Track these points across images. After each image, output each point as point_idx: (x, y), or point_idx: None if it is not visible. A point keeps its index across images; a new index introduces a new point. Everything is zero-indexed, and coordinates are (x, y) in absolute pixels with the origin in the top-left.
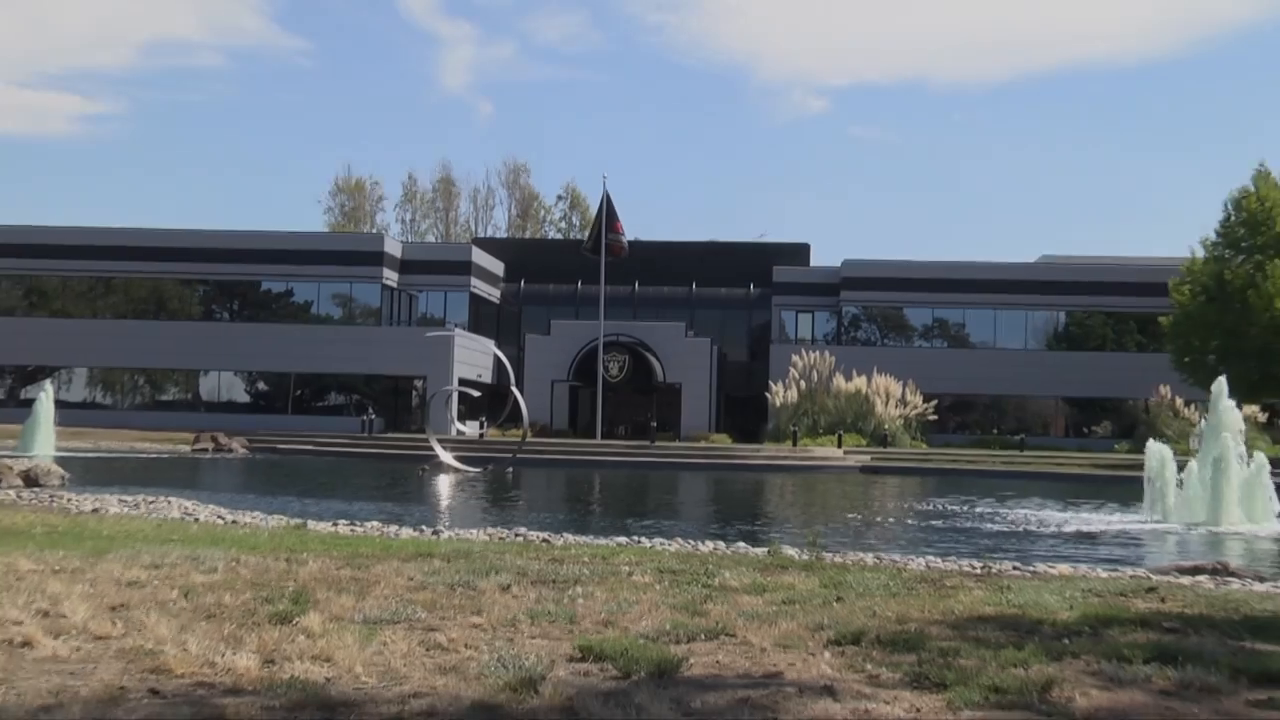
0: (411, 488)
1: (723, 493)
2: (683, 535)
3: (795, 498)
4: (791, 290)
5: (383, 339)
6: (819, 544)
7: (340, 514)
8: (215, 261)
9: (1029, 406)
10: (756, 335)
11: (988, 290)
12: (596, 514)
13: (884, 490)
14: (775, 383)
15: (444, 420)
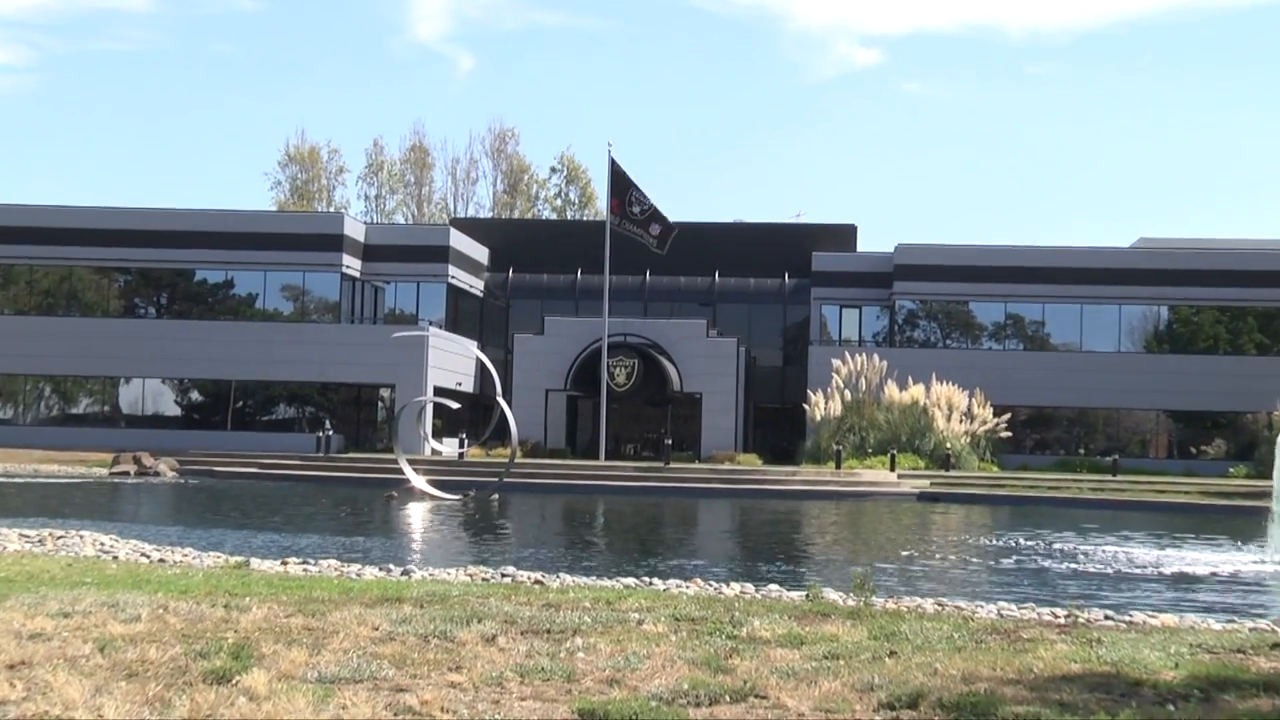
0: (377, 518)
1: (752, 524)
2: (703, 575)
3: (839, 530)
4: (834, 281)
5: (342, 340)
6: (868, 586)
7: (290, 550)
8: (139, 245)
9: (1123, 421)
10: (792, 335)
11: (1073, 281)
12: (599, 550)
13: (946, 522)
14: (815, 392)
15: (416, 438)
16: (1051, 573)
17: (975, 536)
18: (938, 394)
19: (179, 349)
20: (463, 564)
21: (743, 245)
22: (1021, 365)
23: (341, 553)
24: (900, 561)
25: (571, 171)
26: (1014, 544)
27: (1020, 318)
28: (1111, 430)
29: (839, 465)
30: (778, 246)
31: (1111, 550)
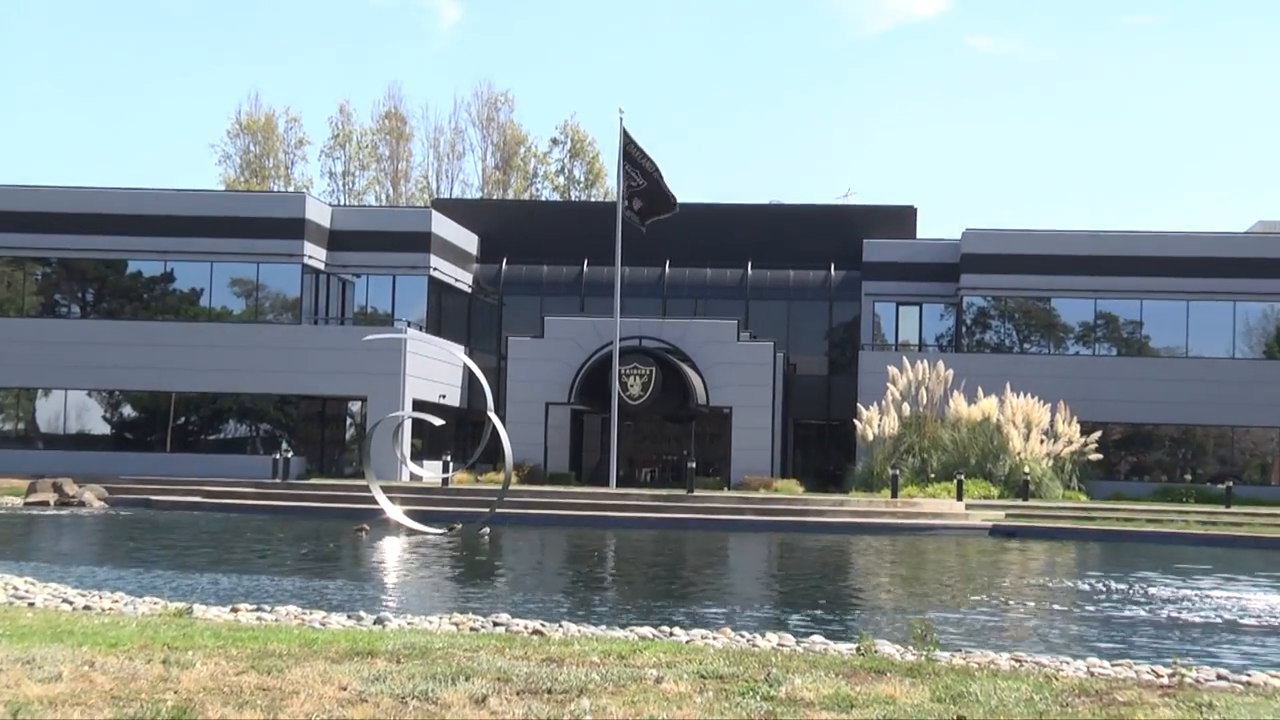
0: (346, 557)
1: (791, 563)
2: (734, 624)
3: (895, 571)
4: (890, 273)
5: (304, 343)
6: (930, 638)
7: (242, 594)
8: (59, 231)
9: (1238, 441)
10: (839, 337)
11: (1177, 273)
12: (609, 594)
13: (1025, 561)
14: (866, 406)
15: (392, 460)
16: (1151, 623)
17: (1060, 579)
18: (1014, 408)
19: (108, 355)
20: (447, 611)
21: (781, 231)
22: (1115, 374)
23: (303, 597)
24: (969, 608)
25: (576, 144)
26: (1106, 588)
27: (1113, 317)
28: (1224, 452)
29: (895, 493)
30: (822, 232)
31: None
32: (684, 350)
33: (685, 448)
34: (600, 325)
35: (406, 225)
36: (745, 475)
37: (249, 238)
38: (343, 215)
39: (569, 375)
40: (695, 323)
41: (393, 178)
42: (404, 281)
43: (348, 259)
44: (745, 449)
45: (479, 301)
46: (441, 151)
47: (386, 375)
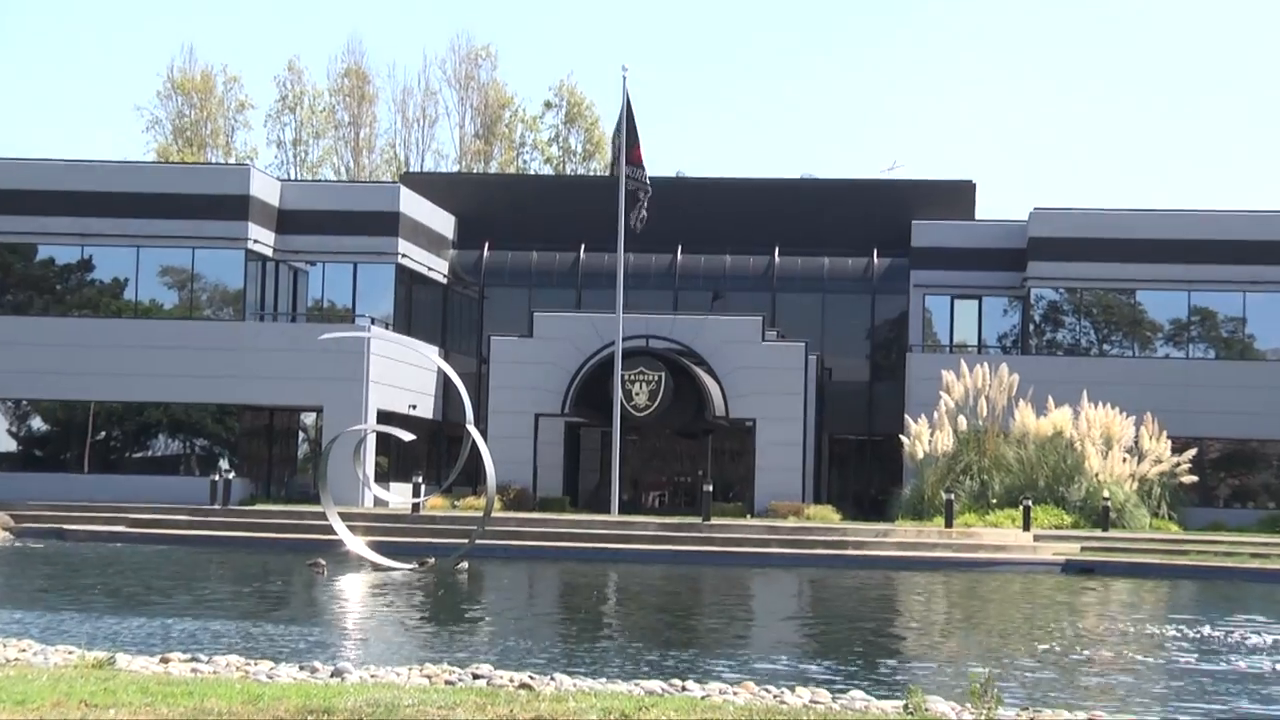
0: (298, 596)
1: (826, 604)
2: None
3: (950, 613)
4: (944, 261)
5: (248, 343)
6: (991, 693)
7: (175, 641)
8: None
9: None
10: (884, 337)
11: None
12: (611, 640)
13: (1104, 602)
14: (916, 419)
15: (353, 483)
16: (1255, 678)
17: (1145, 624)
18: (1090, 421)
19: (13, 358)
20: (418, 660)
21: (814, 210)
22: (1213, 380)
23: (247, 645)
24: (1038, 659)
25: (572, 108)
26: (1201, 635)
27: (1210, 312)
28: None
29: (950, 522)
30: (864, 212)
31: None
32: (699, 352)
33: (700, 467)
34: (600, 322)
35: (370, 204)
36: (771, 500)
37: (182, 218)
38: (294, 192)
39: (563, 381)
40: (712, 319)
41: (353, 148)
42: (367, 270)
43: (300, 243)
44: (771, 469)
45: (456, 294)
46: (411, 117)
47: (346, 381)
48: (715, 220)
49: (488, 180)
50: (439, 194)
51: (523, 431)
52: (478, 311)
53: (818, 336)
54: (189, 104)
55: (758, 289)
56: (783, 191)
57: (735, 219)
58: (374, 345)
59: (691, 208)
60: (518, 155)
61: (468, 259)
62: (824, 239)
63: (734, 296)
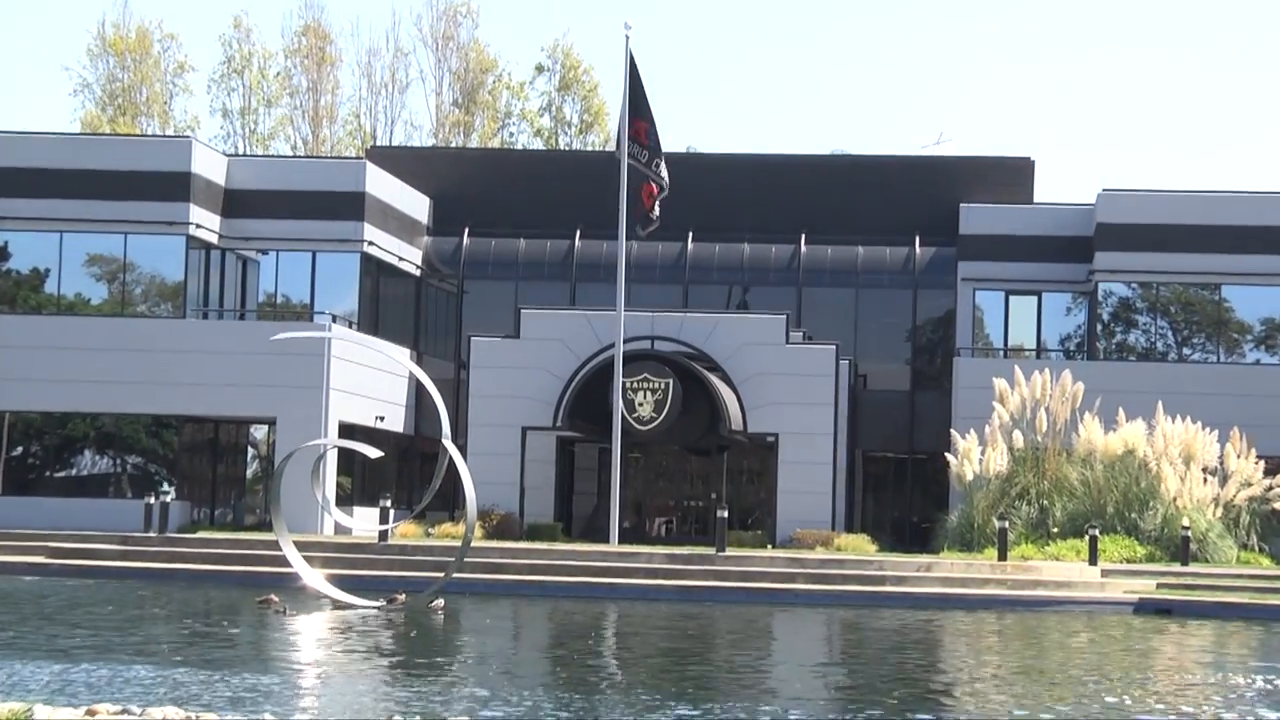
0: (245, 638)
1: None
2: None
3: (1004, 660)
4: (997, 250)
5: (189, 344)
6: None
7: (103, 691)
8: None
9: None
10: (927, 338)
11: None
12: (608, 693)
13: (1183, 648)
14: (965, 434)
15: (310, 507)
16: None
17: (1232, 674)
18: (1167, 437)
19: None
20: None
21: (847, 192)
22: None
23: (186, 694)
24: (1104, 714)
25: (568, 72)
26: None
27: None
28: None
29: (1004, 554)
30: (905, 193)
31: None
32: (712, 356)
33: (714, 490)
34: (597, 321)
35: (331, 182)
36: (796, 529)
37: (113, 199)
38: (243, 169)
39: (555, 390)
40: (729, 317)
41: (312, 118)
42: (328, 260)
43: (250, 229)
44: (796, 492)
45: (431, 288)
46: (379, 82)
47: (303, 389)
48: (732, 203)
49: (468, 156)
50: (411, 172)
51: (508, 448)
52: (456, 308)
53: (850, 338)
54: (121, 66)
55: (781, 283)
56: (811, 170)
57: (755, 202)
58: (335, 347)
59: (705, 189)
60: (503, 127)
61: (445, 247)
62: (858, 225)
63: (754, 292)
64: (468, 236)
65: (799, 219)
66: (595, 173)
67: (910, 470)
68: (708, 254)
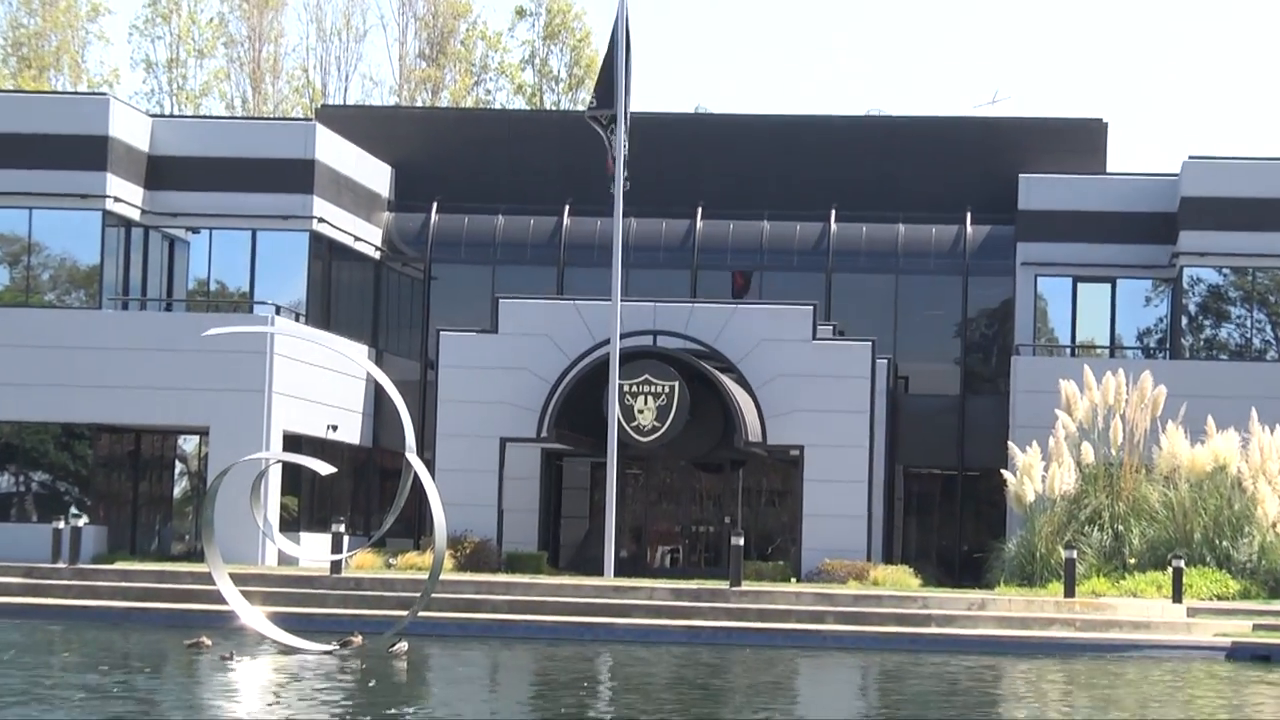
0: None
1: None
2: None
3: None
4: (1064, 229)
5: (106, 341)
6: None
7: None
8: None
9: None
10: (980, 334)
11: None
12: None
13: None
14: (1024, 447)
15: (250, 532)
16: None
17: None
18: (1265, 450)
19: None
20: None
21: (884, 159)
22: None
23: None
24: None
25: (554, 17)
26: None
27: None
28: None
29: (1071, 589)
30: (953, 161)
31: None
32: (726, 354)
33: (728, 513)
34: (590, 313)
35: (274, 148)
36: (825, 559)
37: (16, 167)
38: (170, 132)
39: (539, 394)
40: (745, 308)
41: (252, 72)
42: (271, 241)
43: (179, 203)
44: (825, 515)
45: (393, 273)
46: (331, 30)
47: (241, 394)
48: (749, 173)
49: (437, 117)
50: (370, 135)
51: (484, 462)
52: (423, 297)
53: (889, 333)
54: (27, 10)
55: (807, 267)
56: (842, 134)
57: (776, 171)
58: (279, 344)
59: (717, 156)
60: (478, 83)
61: (409, 224)
62: (899, 199)
63: (774, 279)
64: (436, 212)
65: (828, 192)
66: (587, 137)
67: (960, 490)
68: (719, 234)
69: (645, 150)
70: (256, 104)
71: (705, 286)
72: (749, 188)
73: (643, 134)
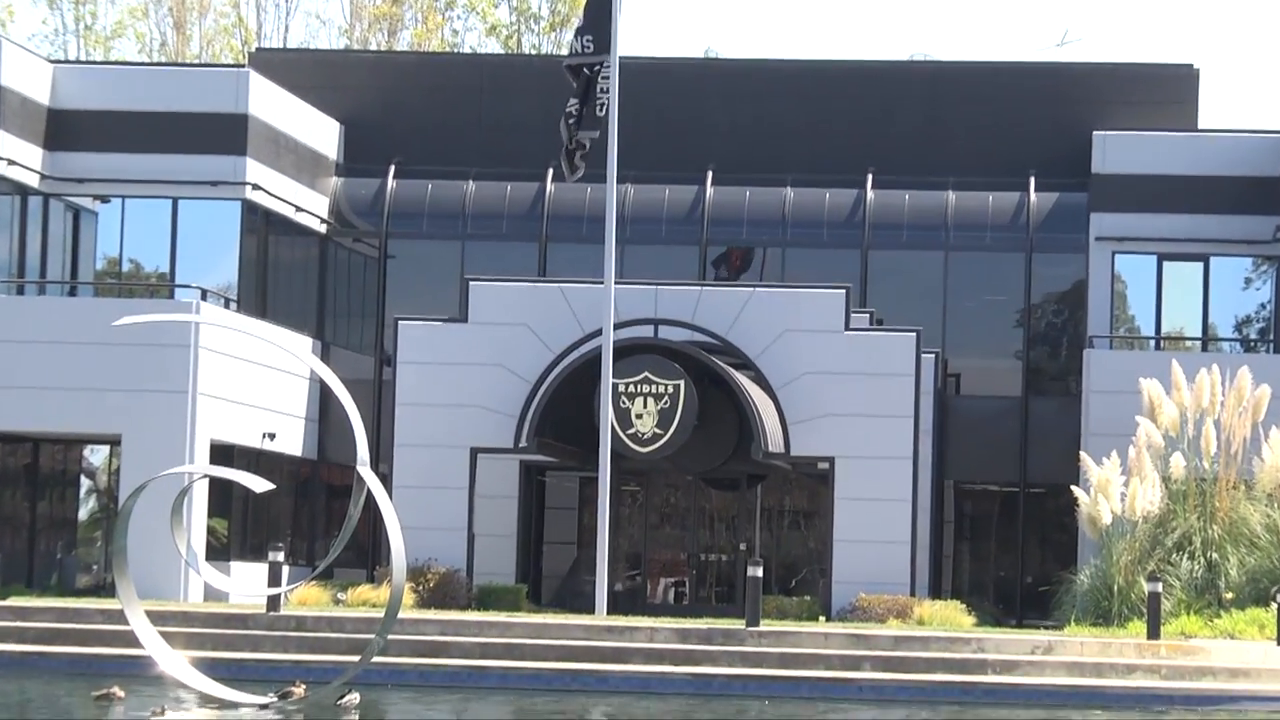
0: None
1: None
2: None
3: None
4: (1145, 196)
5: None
6: None
7: None
8: None
9: None
10: (1046, 322)
11: None
12: None
13: None
14: (1099, 459)
15: (171, 561)
16: None
17: None
18: None
19: None
20: None
21: (931, 113)
22: None
23: None
24: None
25: None
26: None
27: None
28: None
29: (1156, 630)
30: (1013, 116)
31: None
32: (741, 347)
33: (743, 538)
34: (579, 298)
35: (200, 101)
36: (860, 593)
37: None
38: (75, 82)
39: (518, 396)
40: (765, 292)
41: (174, 9)
42: (196, 211)
43: (84, 165)
44: (861, 540)
45: (342, 250)
46: None
47: (159, 395)
48: (769, 129)
49: (395, 63)
50: (315, 85)
51: (451, 478)
52: (378, 279)
53: (937, 322)
54: None
55: (838, 243)
56: (881, 82)
57: (802, 127)
58: (206, 336)
59: (730, 109)
60: (445, 23)
61: (361, 192)
62: (948, 160)
63: (798, 257)
64: (394, 177)
65: (864, 152)
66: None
67: (1022, 510)
68: (733, 202)
69: (645, 103)
70: (179, 48)
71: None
72: (769, 147)
73: (642, 83)
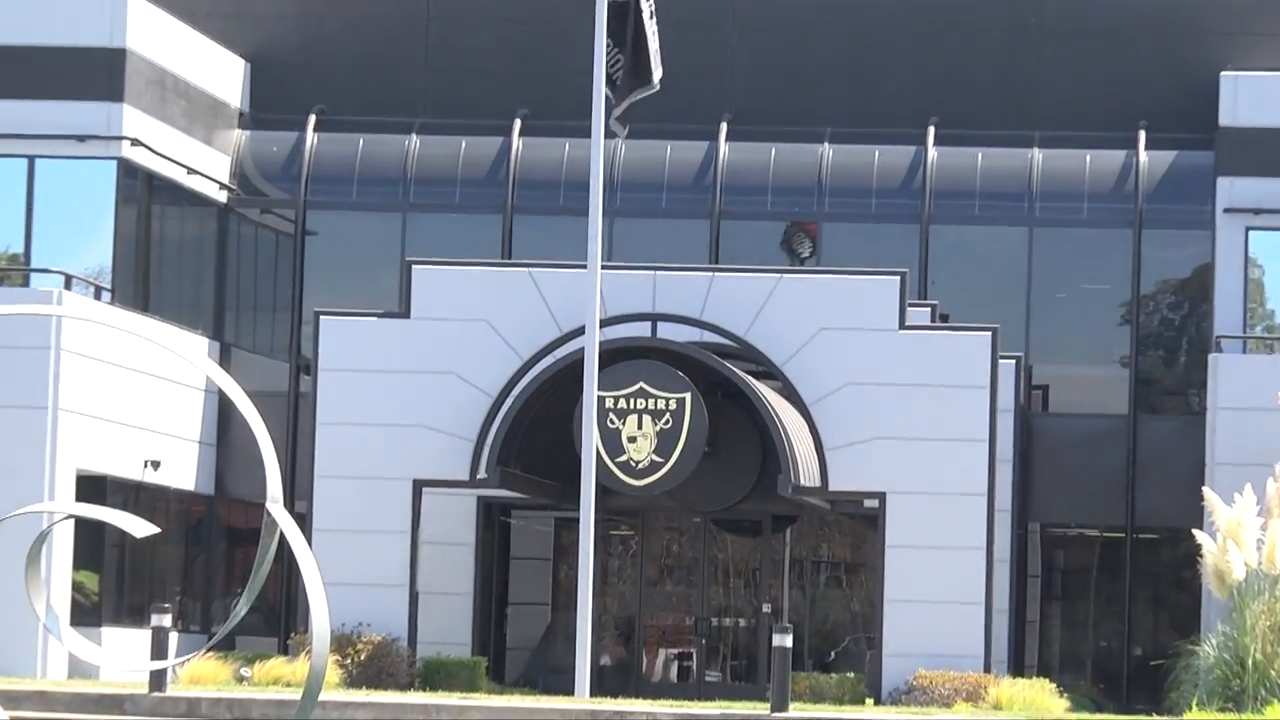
0: None
1: None
2: None
3: None
4: None
5: None
6: None
7: None
8: None
9: None
10: (1160, 317)
11: None
12: None
13: None
14: (1229, 498)
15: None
16: None
17: None
18: None
19: None
20: None
21: (1010, 52)
22: None
23: None
24: None
25: None
26: None
27: None
28: None
29: None
30: (1113, 53)
31: None
32: (764, 351)
33: (768, 597)
34: (556, 286)
35: (66, 33)
36: (920, 668)
37: None
38: None
39: (475, 412)
40: (794, 279)
41: None
42: (58, 174)
43: None
44: (920, 600)
45: (246, 223)
46: None
47: (9, 411)
48: (802, 71)
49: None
50: (214, 13)
51: (387, 519)
52: (293, 261)
53: (1019, 318)
54: None
55: (891, 215)
56: (945, 13)
57: (844, 67)
58: (70, 336)
59: (751, 42)
60: None
61: (273, 149)
62: (1032, 110)
63: (838, 231)
64: (315, 129)
65: (924, 100)
66: (547, 13)
67: (1129, 562)
68: (756, 162)
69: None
70: None
71: (733, 245)
72: (801, 92)
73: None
